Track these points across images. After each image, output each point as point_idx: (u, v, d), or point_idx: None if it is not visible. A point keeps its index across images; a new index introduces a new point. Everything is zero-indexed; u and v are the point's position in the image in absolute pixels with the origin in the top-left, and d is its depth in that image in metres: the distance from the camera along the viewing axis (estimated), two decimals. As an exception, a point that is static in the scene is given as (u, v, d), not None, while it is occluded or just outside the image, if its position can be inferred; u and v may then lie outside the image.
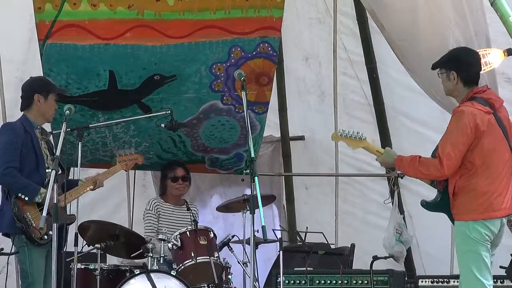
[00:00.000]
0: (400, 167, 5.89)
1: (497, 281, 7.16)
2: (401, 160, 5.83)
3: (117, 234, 6.91)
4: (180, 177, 7.86)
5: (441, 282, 7.31)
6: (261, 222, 5.38)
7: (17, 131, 6.37)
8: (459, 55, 5.89)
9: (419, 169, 5.73)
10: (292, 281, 7.24)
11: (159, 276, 6.41)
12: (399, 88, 8.41)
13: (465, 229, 5.71)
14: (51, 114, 6.57)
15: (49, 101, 6.50)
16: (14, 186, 6.23)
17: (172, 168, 7.91)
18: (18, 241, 6.24)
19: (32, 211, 6.22)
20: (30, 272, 6.22)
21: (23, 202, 6.20)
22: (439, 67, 5.86)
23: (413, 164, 5.76)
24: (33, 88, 6.56)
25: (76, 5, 7.11)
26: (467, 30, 6.70)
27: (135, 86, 7.56)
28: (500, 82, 7.19)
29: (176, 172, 7.86)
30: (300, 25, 8.77)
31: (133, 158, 7.05)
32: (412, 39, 6.78)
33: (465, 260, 5.73)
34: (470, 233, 5.69)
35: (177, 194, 7.88)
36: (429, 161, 5.71)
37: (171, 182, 7.85)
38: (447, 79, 5.77)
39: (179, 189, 7.87)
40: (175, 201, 7.87)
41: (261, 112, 7.89)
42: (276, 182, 9.24)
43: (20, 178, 6.22)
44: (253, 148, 5.71)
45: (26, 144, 6.32)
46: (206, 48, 7.43)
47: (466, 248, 5.71)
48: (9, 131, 6.43)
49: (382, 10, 6.89)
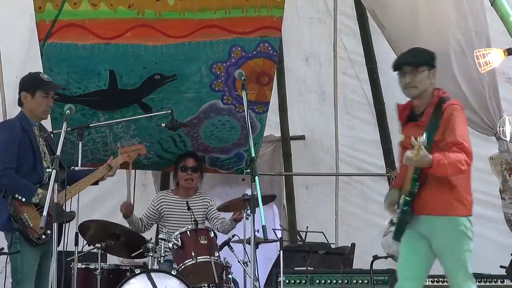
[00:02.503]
0: (439, 166, 5.58)
1: (497, 281, 7.18)
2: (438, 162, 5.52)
3: (117, 233, 6.91)
4: (189, 167, 7.69)
5: (441, 282, 7.31)
6: (261, 222, 5.38)
7: (14, 129, 6.26)
8: (434, 54, 5.84)
9: (457, 166, 5.51)
10: (292, 281, 7.24)
11: (160, 276, 6.40)
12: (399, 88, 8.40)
13: (461, 225, 5.66)
14: (41, 111, 6.37)
15: (36, 99, 6.32)
16: (11, 188, 6.14)
17: (183, 158, 7.76)
18: (12, 237, 6.12)
19: (29, 211, 6.13)
20: (20, 270, 6.10)
21: (20, 203, 6.11)
22: (422, 65, 5.74)
23: (454, 163, 5.50)
24: (21, 85, 6.44)
25: (77, 4, 7.12)
26: (467, 30, 6.71)
27: (135, 85, 7.56)
28: (500, 82, 7.20)
29: (186, 162, 7.71)
30: (300, 25, 8.78)
31: (136, 149, 7.02)
32: (412, 39, 6.79)
33: (464, 259, 5.68)
34: (467, 231, 5.67)
35: (185, 185, 7.67)
36: (459, 156, 5.54)
37: (181, 172, 7.69)
38: (427, 77, 5.69)
39: (188, 180, 7.66)
40: (186, 193, 7.69)
41: (261, 111, 7.89)
42: (276, 181, 9.24)
43: (18, 179, 6.14)
44: (254, 147, 5.71)
45: (24, 142, 6.22)
46: (206, 47, 7.43)
47: (466, 247, 5.68)
48: (6, 129, 6.32)
49: (382, 10, 6.91)
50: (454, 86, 6.98)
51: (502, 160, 7.43)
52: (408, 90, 5.65)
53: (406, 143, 5.52)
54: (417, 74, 5.63)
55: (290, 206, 9.17)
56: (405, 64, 5.69)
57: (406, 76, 5.63)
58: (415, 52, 5.79)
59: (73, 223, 6.46)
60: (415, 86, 5.63)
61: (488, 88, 7.05)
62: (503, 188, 7.45)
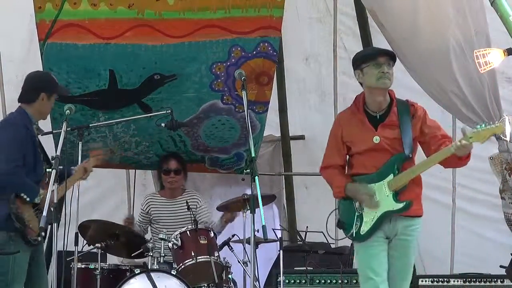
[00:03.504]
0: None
1: (497, 281, 7.18)
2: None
3: (117, 233, 6.91)
4: (172, 170, 7.78)
5: (441, 282, 7.32)
6: (261, 222, 5.38)
7: (19, 127, 6.19)
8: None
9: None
10: (292, 281, 7.25)
11: (160, 276, 6.41)
12: (399, 88, 8.36)
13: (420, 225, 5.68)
14: (48, 113, 6.47)
15: (51, 101, 6.35)
16: (19, 186, 6.03)
17: (166, 160, 7.84)
18: (6, 237, 5.98)
19: (28, 211, 6.07)
20: (11, 271, 5.94)
21: (22, 202, 6.03)
22: (394, 60, 5.76)
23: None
24: (42, 85, 6.33)
25: (77, 4, 7.11)
26: (467, 30, 6.70)
27: (135, 85, 7.56)
28: (500, 82, 7.20)
29: (169, 165, 7.79)
30: (300, 25, 8.77)
31: (105, 152, 7.02)
32: (412, 39, 6.78)
33: (413, 257, 5.70)
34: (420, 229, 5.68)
35: (169, 187, 7.79)
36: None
37: (163, 175, 7.80)
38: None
39: (171, 182, 7.77)
40: (171, 193, 7.80)
41: (261, 111, 7.89)
42: (276, 181, 9.24)
43: (26, 178, 6.06)
44: (254, 147, 5.71)
45: (27, 142, 6.15)
46: (206, 47, 7.43)
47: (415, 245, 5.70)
48: (13, 126, 6.22)
49: (382, 9, 6.90)
50: (454, 86, 6.98)
51: (502, 160, 7.43)
52: (384, 80, 5.61)
53: (382, 145, 5.55)
54: (390, 67, 5.64)
55: (290, 206, 9.17)
56: (384, 53, 5.68)
57: (384, 66, 5.61)
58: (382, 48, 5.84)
59: (73, 223, 6.46)
60: (389, 78, 5.64)
61: (488, 88, 7.04)
62: (503, 188, 7.44)
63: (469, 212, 8.27)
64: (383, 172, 5.57)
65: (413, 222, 5.63)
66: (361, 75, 5.68)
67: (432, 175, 8.49)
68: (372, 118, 5.67)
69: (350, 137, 5.68)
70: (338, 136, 5.72)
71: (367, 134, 5.62)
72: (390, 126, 5.62)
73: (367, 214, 5.56)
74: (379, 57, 5.63)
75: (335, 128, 5.78)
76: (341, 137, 5.71)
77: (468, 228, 8.28)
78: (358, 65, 5.70)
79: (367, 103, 5.71)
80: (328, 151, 5.78)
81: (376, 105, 5.67)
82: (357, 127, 5.67)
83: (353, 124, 5.69)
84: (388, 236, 5.60)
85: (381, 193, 5.55)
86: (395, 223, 5.59)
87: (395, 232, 5.59)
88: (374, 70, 5.61)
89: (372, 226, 5.54)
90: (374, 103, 5.67)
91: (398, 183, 5.53)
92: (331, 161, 5.76)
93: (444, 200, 8.36)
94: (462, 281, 7.36)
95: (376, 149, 5.60)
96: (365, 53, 5.83)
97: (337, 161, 5.74)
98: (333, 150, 5.74)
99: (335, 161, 5.74)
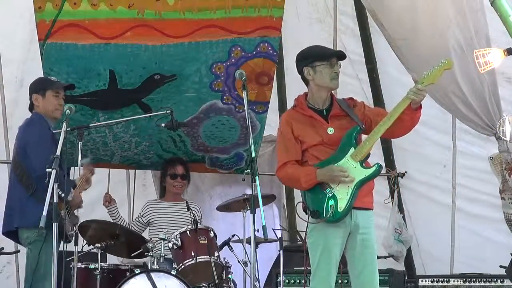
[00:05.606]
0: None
1: (497, 281, 7.19)
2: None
3: (117, 233, 6.91)
4: (179, 175, 7.85)
5: (441, 282, 7.33)
6: (261, 222, 5.38)
7: (42, 124, 6.34)
8: None
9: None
10: (292, 281, 7.25)
11: (160, 276, 6.40)
12: (399, 88, 8.39)
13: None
14: (53, 109, 6.46)
15: (47, 98, 6.45)
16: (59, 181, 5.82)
17: (172, 165, 7.90)
18: (36, 234, 6.03)
19: (62, 208, 6.09)
20: (44, 267, 6.03)
21: (59, 198, 5.86)
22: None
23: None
24: (31, 89, 6.56)
25: (77, 4, 7.11)
26: (467, 30, 6.71)
27: (135, 85, 7.56)
28: (500, 82, 7.20)
29: (176, 170, 7.86)
30: (300, 25, 8.77)
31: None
32: (412, 39, 6.79)
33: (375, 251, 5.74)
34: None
35: (174, 191, 7.84)
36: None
37: (170, 179, 7.84)
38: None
39: (177, 186, 7.84)
40: (173, 198, 7.85)
41: (261, 111, 7.89)
42: (276, 181, 9.21)
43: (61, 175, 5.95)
44: (254, 147, 5.71)
45: (51, 138, 6.26)
46: (206, 47, 7.43)
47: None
48: (42, 121, 6.36)
49: (382, 9, 6.91)
50: (454, 86, 6.98)
51: (502, 160, 7.44)
52: (337, 81, 5.68)
53: (336, 137, 5.56)
54: (339, 67, 5.69)
55: (290, 206, 9.16)
56: (339, 55, 5.75)
57: (336, 67, 5.67)
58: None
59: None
60: (338, 78, 5.69)
61: (488, 88, 7.05)
62: (503, 188, 7.45)
63: (469, 212, 8.27)
64: (343, 148, 5.55)
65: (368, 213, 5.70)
66: (312, 72, 5.68)
67: (432, 175, 8.53)
68: (320, 113, 5.68)
69: (300, 131, 5.64)
70: (290, 133, 5.66)
71: (320, 127, 5.62)
72: (338, 117, 5.65)
73: (339, 191, 5.52)
74: (334, 58, 5.67)
75: (284, 127, 5.72)
76: (292, 133, 5.68)
77: (468, 228, 8.28)
78: (310, 62, 5.69)
79: (311, 100, 5.72)
80: (283, 151, 5.69)
81: (321, 101, 5.71)
82: (308, 123, 5.65)
83: (302, 121, 5.67)
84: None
85: (349, 167, 5.53)
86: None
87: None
88: (328, 70, 5.66)
89: (349, 200, 5.52)
90: (320, 99, 5.70)
91: (362, 151, 5.53)
92: (288, 157, 5.66)
93: (444, 200, 8.37)
94: (462, 281, 7.37)
95: (329, 142, 5.60)
96: (320, 51, 5.81)
97: (294, 156, 5.66)
98: (288, 147, 5.65)
99: (292, 157, 5.65)
